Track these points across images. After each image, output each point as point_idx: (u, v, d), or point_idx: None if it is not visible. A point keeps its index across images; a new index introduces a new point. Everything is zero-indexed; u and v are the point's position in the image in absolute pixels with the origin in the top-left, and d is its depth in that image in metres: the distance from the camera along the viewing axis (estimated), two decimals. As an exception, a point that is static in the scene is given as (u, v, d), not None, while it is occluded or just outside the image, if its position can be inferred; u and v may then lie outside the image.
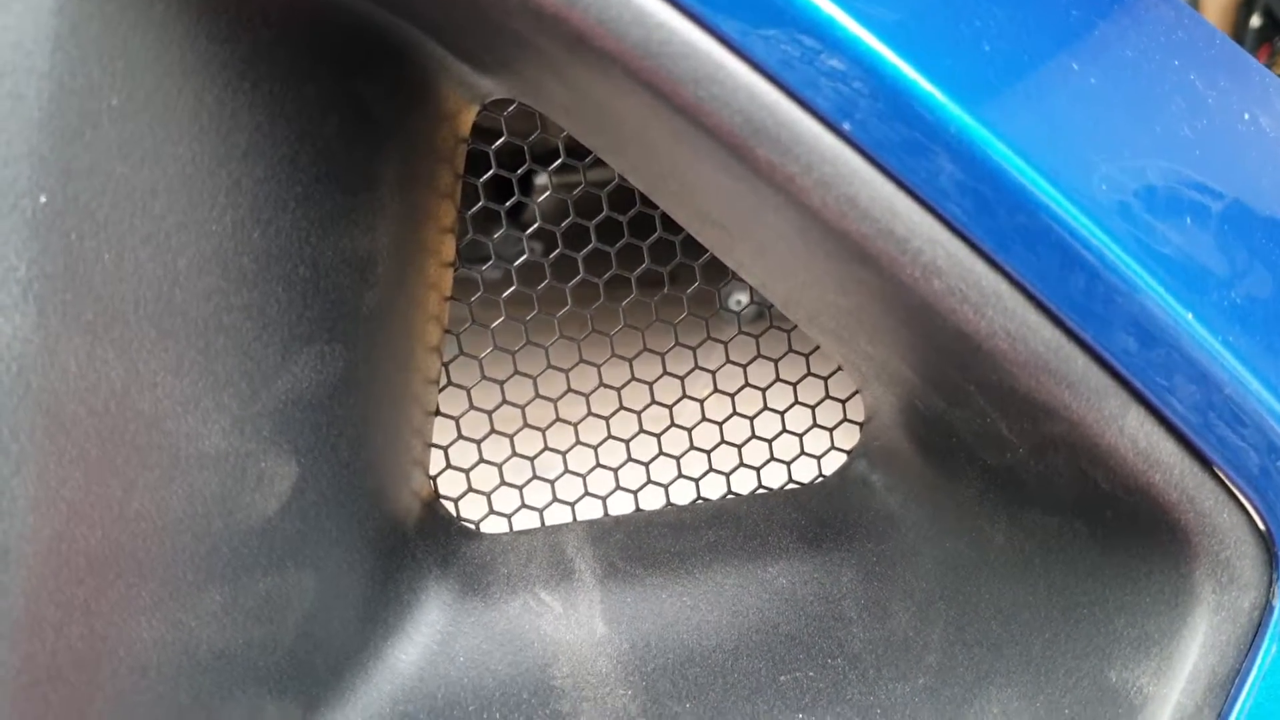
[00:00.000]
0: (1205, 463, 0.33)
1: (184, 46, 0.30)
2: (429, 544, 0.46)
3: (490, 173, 0.46)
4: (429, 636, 0.44)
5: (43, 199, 0.28)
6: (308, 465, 0.37)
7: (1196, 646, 0.34)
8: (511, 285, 0.48)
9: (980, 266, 0.30)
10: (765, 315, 0.50)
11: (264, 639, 0.37)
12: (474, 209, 0.47)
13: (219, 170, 0.31)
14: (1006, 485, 0.41)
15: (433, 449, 0.48)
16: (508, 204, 0.49)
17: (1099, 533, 0.37)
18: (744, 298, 0.53)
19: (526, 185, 0.49)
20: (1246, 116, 0.40)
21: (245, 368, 0.34)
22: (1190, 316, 0.31)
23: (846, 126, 0.29)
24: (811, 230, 0.31)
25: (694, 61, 0.28)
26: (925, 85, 0.28)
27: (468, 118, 0.43)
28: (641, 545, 0.48)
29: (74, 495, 0.30)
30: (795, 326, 0.49)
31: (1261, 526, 0.34)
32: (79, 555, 0.31)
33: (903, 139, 0.29)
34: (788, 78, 0.28)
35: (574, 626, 0.45)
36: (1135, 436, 0.32)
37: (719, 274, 0.49)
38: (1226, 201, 0.34)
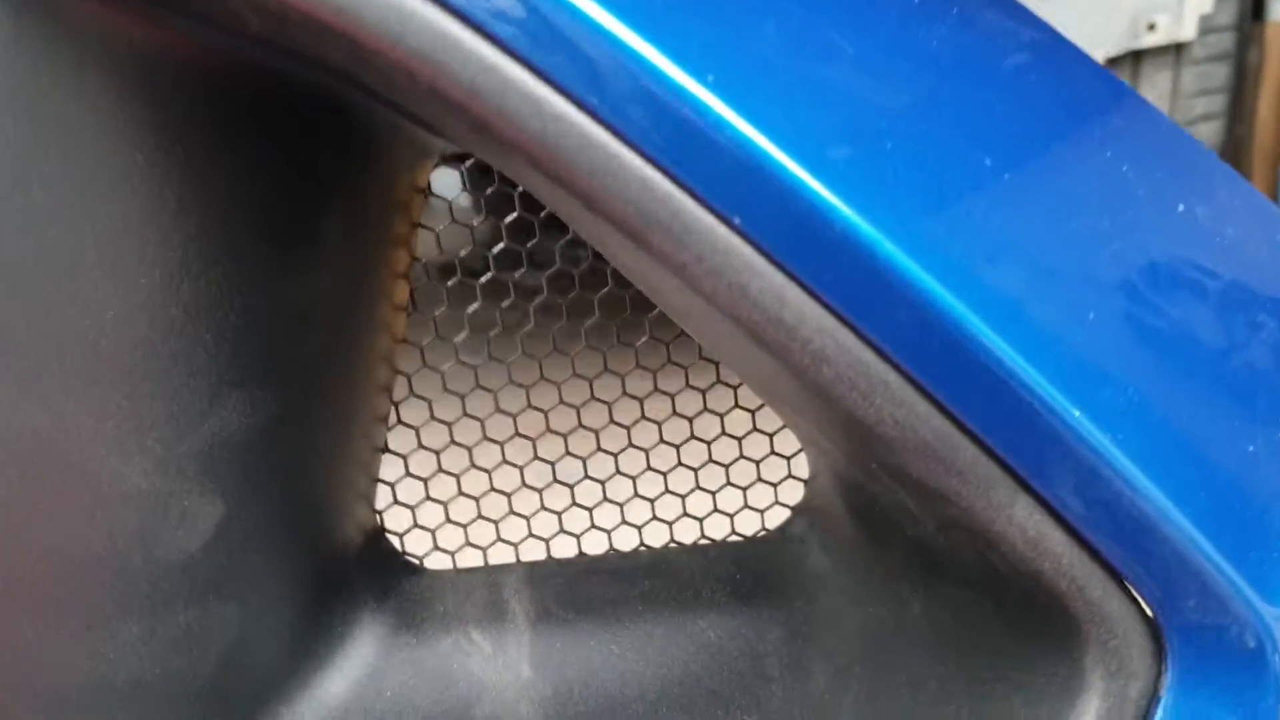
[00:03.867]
0: (1094, 553, 0.34)
1: (116, 111, 0.31)
2: (368, 577, 0.48)
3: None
4: (359, 669, 0.45)
5: None
6: (234, 504, 0.38)
7: None
8: (464, 330, 0.49)
9: (868, 355, 0.31)
10: (714, 369, 0.51)
11: (183, 669, 0.38)
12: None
13: (148, 227, 0.33)
14: (924, 556, 0.42)
15: (380, 484, 0.49)
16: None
17: (1004, 611, 0.38)
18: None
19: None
20: (1181, 208, 0.41)
21: (171, 411, 0.35)
22: (1078, 414, 0.32)
23: (737, 220, 0.30)
24: (711, 312, 0.32)
25: (590, 154, 0.29)
26: (812, 184, 0.29)
27: (424, 171, 0.45)
28: (577, 591, 0.49)
29: None
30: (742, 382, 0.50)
31: (1151, 617, 0.35)
32: None
33: (791, 233, 0.30)
34: (680, 172, 0.29)
35: (500, 668, 0.46)
36: (1024, 525, 0.33)
37: (669, 328, 0.50)
38: (1130, 298, 0.35)
